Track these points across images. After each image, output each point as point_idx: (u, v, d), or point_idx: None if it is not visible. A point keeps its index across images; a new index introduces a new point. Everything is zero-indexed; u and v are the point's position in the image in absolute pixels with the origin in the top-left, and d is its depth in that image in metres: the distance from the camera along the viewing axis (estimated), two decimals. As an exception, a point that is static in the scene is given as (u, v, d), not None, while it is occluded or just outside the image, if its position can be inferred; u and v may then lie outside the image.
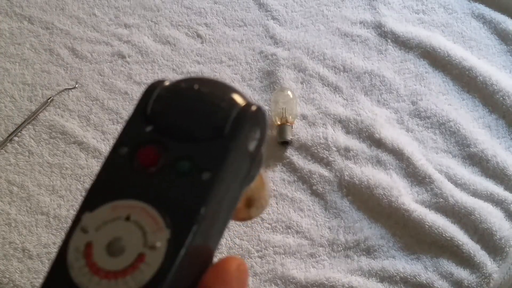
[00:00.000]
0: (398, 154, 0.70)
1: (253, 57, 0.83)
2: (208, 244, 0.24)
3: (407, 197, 0.67)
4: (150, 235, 0.21)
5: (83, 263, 0.21)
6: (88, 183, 0.71)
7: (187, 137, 0.23)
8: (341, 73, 0.80)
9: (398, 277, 0.61)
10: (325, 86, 0.78)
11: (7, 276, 0.64)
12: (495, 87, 0.75)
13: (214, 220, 0.23)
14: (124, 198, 0.22)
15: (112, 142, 0.74)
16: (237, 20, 0.88)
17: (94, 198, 0.22)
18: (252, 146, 0.25)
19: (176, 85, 0.25)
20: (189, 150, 0.23)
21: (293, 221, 0.67)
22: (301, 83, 0.79)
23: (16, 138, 0.75)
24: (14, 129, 0.76)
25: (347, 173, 0.69)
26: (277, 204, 0.68)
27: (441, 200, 0.66)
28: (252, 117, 0.24)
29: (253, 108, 0.24)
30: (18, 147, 0.75)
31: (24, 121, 0.76)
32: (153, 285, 0.20)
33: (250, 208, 0.29)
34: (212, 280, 0.23)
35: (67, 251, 0.22)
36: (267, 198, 0.30)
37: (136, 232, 0.21)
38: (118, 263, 0.21)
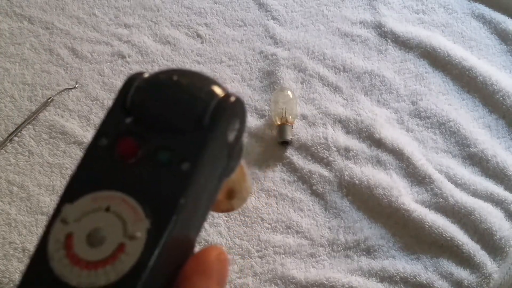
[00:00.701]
0: (398, 154, 0.70)
1: (253, 57, 0.83)
2: (188, 234, 0.24)
3: (407, 197, 0.67)
4: (130, 225, 0.21)
5: (63, 254, 0.21)
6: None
7: (166, 128, 0.23)
8: (341, 73, 0.80)
9: (398, 277, 0.61)
10: (325, 86, 0.78)
11: (7, 276, 0.64)
12: (495, 87, 0.75)
13: (193, 210, 0.23)
14: (104, 189, 0.22)
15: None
16: (237, 20, 0.88)
17: (74, 190, 0.22)
18: (231, 136, 0.25)
19: (155, 76, 0.25)
20: (168, 141, 0.23)
21: (293, 221, 0.67)
22: (301, 83, 0.79)
23: (16, 138, 0.75)
24: (14, 129, 0.76)
25: (347, 173, 0.69)
26: (277, 204, 0.68)
27: (441, 200, 0.66)
28: (231, 107, 0.24)
29: (232, 99, 0.24)
30: (18, 147, 0.74)
31: (24, 121, 0.76)
32: (133, 275, 0.20)
33: (231, 199, 0.29)
34: (192, 270, 0.23)
35: (47, 242, 0.21)
36: (249, 190, 0.30)
37: (116, 223, 0.21)
38: (98, 254, 0.21)
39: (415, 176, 0.68)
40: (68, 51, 0.85)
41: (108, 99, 0.79)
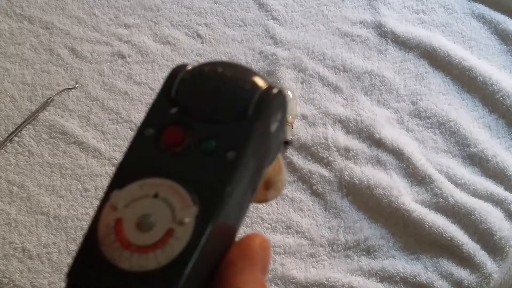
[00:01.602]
0: (398, 154, 0.70)
1: (253, 57, 0.83)
2: (232, 222, 0.24)
3: (407, 197, 0.67)
4: (179, 212, 0.22)
5: (114, 238, 0.22)
6: (88, 183, 0.71)
7: (211, 118, 0.24)
8: (341, 73, 0.80)
9: (398, 277, 0.61)
10: (325, 86, 0.78)
11: (7, 276, 0.64)
12: (495, 87, 0.75)
13: (238, 198, 0.24)
14: (152, 177, 0.23)
15: (112, 142, 0.74)
16: (237, 20, 0.88)
17: (122, 177, 0.23)
18: (273, 127, 0.25)
19: (200, 68, 0.26)
20: (213, 130, 0.23)
21: (293, 221, 0.67)
22: (301, 83, 0.79)
23: (16, 138, 0.75)
24: (14, 129, 0.76)
25: (347, 173, 0.69)
26: (277, 204, 0.68)
27: (441, 200, 0.66)
28: (274, 99, 0.25)
29: (275, 90, 0.25)
30: (18, 147, 0.75)
31: (24, 121, 0.76)
32: (182, 259, 0.21)
33: (267, 190, 0.29)
34: (237, 255, 0.24)
35: (98, 227, 0.22)
36: (284, 182, 0.30)
37: (165, 209, 0.22)
38: (148, 238, 0.21)
39: (415, 176, 0.68)
40: (68, 51, 0.85)
41: (108, 99, 0.79)
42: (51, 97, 0.79)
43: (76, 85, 0.81)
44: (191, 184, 0.22)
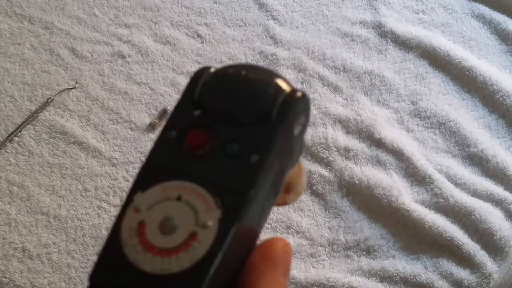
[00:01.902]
0: (398, 154, 0.70)
1: (253, 57, 0.83)
2: (255, 225, 0.24)
3: (407, 197, 0.67)
4: (202, 215, 0.22)
5: (137, 241, 0.22)
6: (88, 183, 0.71)
7: (235, 121, 0.24)
8: (341, 73, 0.80)
9: (398, 277, 0.61)
10: (325, 86, 0.78)
11: (7, 276, 0.64)
12: (495, 87, 0.75)
13: (261, 202, 0.24)
14: (175, 179, 0.23)
15: (112, 142, 0.74)
16: (237, 20, 0.88)
17: (145, 179, 0.23)
18: (297, 130, 0.25)
19: (223, 71, 0.26)
20: (237, 133, 0.23)
21: (293, 221, 0.67)
22: (301, 83, 0.79)
23: (16, 138, 0.75)
24: (14, 129, 0.76)
25: (347, 173, 0.69)
26: (277, 204, 0.68)
27: (441, 200, 0.66)
28: (297, 102, 0.24)
29: (299, 94, 0.25)
30: (18, 147, 0.75)
31: (24, 121, 0.76)
32: (205, 262, 0.21)
33: (288, 193, 0.29)
34: (259, 258, 0.23)
35: (121, 230, 0.22)
36: (304, 185, 0.30)
37: (188, 212, 0.22)
38: (171, 241, 0.21)
39: (415, 176, 0.68)
40: (68, 51, 0.85)
41: (108, 99, 0.79)
42: (51, 97, 0.79)
43: (76, 85, 0.81)
44: (214, 187, 0.22)
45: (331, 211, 0.67)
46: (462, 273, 0.61)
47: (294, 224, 0.67)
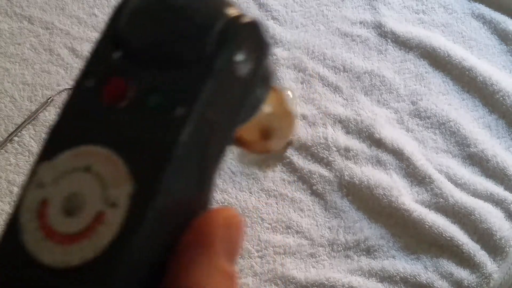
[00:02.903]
0: (398, 154, 0.70)
1: (253, 57, 0.83)
2: (190, 195, 0.19)
3: (407, 197, 0.67)
4: (112, 189, 0.17)
5: (37, 225, 0.17)
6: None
7: (161, 63, 0.19)
8: (341, 73, 0.80)
9: (398, 277, 0.61)
10: (325, 86, 0.78)
11: (7, 276, 0.64)
12: (495, 87, 0.75)
13: (193, 165, 0.19)
14: (86, 143, 0.18)
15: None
16: (237, 20, 0.88)
17: (54, 144, 0.18)
18: (243, 69, 0.20)
19: None
20: (162, 79, 0.18)
21: (293, 221, 0.67)
22: (301, 83, 0.79)
23: (16, 138, 0.75)
24: (14, 129, 0.76)
25: (347, 173, 0.69)
26: (277, 204, 0.68)
27: (441, 200, 0.66)
28: (241, 30, 0.19)
29: (245, 19, 0.19)
30: (18, 147, 0.74)
31: (24, 121, 0.76)
32: (113, 251, 0.16)
33: (268, 139, 0.25)
34: (192, 237, 0.19)
35: (20, 211, 0.18)
36: (291, 127, 0.25)
37: (97, 186, 0.17)
38: (74, 225, 0.17)
39: (415, 176, 0.68)
40: (68, 51, 0.85)
41: (108, 99, 0.79)
42: (51, 97, 0.79)
43: (76, 85, 0.81)
44: (129, 152, 0.17)
45: (331, 211, 0.67)
46: (462, 273, 0.61)
47: (294, 224, 0.67)
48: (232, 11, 0.19)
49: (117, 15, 0.21)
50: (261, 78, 0.22)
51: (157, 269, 0.18)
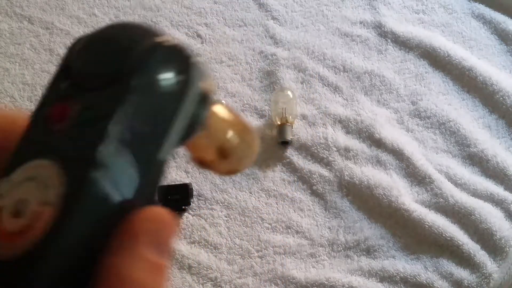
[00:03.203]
0: (398, 154, 0.70)
1: (253, 57, 0.83)
2: (121, 194, 0.21)
3: (407, 197, 0.67)
4: (49, 192, 0.20)
5: None
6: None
7: (95, 85, 0.22)
8: (341, 73, 0.80)
9: (398, 277, 0.61)
10: (325, 86, 0.78)
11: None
12: (495, 87, 0.75)
13: (121, 170, 0.22)
14: (34, 159, 0.21)
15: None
16: (237, 20, 0.88)
17: (12, 165, 0.22)
18: (167, 86, 0.22)
19: (90, 34, 0.24)
20: (93, 99, 0.22)
21: (293, 221, 0.67)
22: (301, 83, 0.79)
23: (16, 138, 0.75)
24: (14, 129, 0.76)
25: (347, 173, 0.69)
26: (277, 204, 0.68)
27: (441, 200, 0.66)
28: (161, 52, 0.22)
29: (167, 43, 0.22)
30: (18, 147, 0.75)
31: (24, 121, 0.76)
32: (41, 246, 0.19)
33: (225, 159, 0.26)
34: (119, 234, 0.20)
35: None
36: (252, 144, 0.27)
37: (39, 191, 0.20)
38: (18, 224, 0.20)
39: (415, 176, 0.68)
40: (68, 51, 0.85)
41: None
42: (51, 97, 0.79)
43: (76, 85, 0.81)
44: (64, 160, 0.21)
45: (331, 211, 0.67)
46: (462, 273, 0.61)
47: (294, 224, 0.67)
48: (158, 38, 0.22)
49: (68, 52, 0.25)
50: (197, 96, 0.24)
51: (91, 263, 0.20)
